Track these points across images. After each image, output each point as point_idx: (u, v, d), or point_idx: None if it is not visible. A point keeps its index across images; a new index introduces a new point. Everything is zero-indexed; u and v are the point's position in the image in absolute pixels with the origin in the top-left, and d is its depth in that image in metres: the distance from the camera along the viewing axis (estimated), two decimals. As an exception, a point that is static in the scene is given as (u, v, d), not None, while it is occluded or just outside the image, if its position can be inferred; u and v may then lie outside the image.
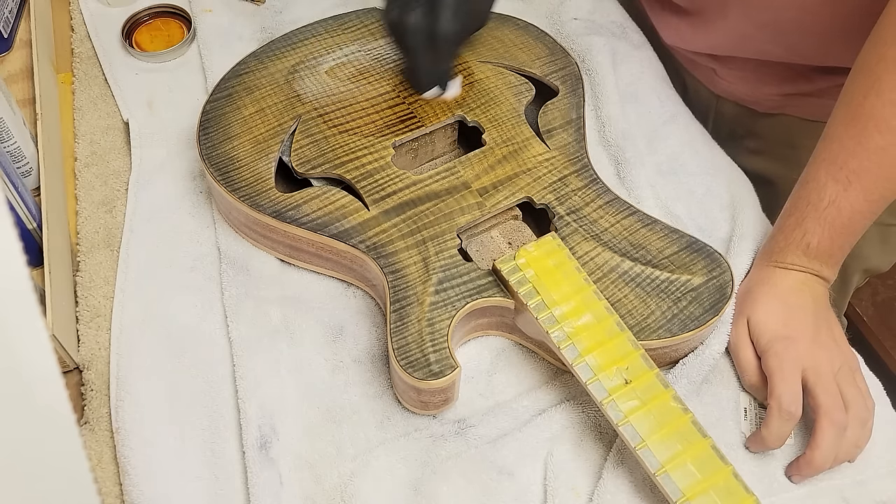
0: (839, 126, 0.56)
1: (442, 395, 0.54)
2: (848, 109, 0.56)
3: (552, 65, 0.70)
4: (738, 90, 0.78)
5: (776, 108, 0.77)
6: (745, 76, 0.76)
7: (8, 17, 0.77)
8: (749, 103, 0.79)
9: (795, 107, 0.75)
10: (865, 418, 0.54)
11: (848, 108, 0.56)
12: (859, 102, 0.55)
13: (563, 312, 0.54)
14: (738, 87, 0.78)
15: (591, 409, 0.56)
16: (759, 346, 0.56)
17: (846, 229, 0.57)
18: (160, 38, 0.79)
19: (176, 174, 0.69)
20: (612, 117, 0.72)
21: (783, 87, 0.74)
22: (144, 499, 0.52)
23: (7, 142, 0.64)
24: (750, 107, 0.79)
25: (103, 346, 0.59)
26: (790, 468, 0.54)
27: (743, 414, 0.57)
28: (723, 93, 0.80)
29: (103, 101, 0.75)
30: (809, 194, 0.57)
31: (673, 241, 0.59)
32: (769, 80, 0.75)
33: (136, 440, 0.54)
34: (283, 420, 0.55)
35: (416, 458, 0.54)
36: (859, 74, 0.56)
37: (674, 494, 0.48)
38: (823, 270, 0.58)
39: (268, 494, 0.52)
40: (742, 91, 0.78)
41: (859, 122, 0.55)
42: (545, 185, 0.62)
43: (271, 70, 0.68)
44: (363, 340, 0.60)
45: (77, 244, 0.65)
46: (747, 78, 0.76)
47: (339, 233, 0.59)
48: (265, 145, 0.63)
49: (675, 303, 0.56)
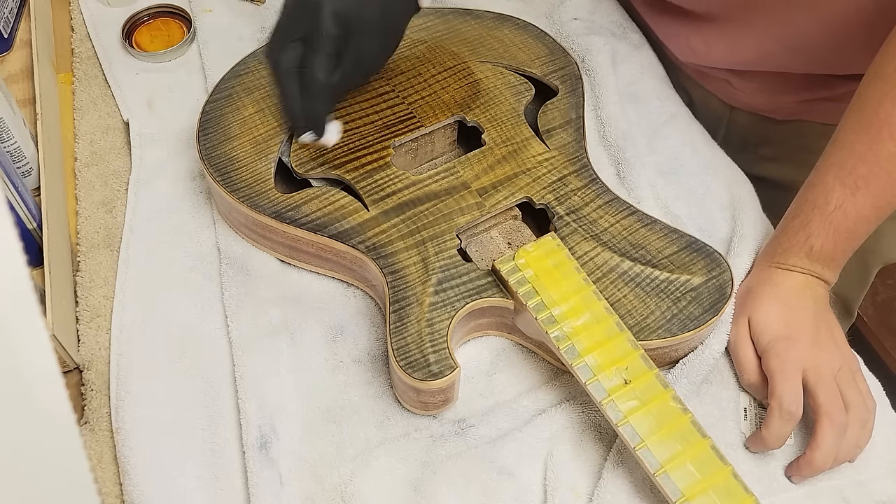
0: (850, 131, 0.56)
1: (442, 395, 0.54)
2: (861, 115, 0.56)
3: (552, 64, 0.70)
4: (755, 100, 0.77)
5: (793, 114, 0.76)
6: (763, 87, 0.75)
7: (8, 17, 0.77)
8: (766, 112, 0.77)
9: (813, 112, 0.74)
10: (865, 419, 0.54)
11: (861, 114, 0.56)
12: (874, 109, 0.55)
13: (563, 312, 0.54)
14: (755, 98, 0.77)
15: (591, 409, 0.56)
16: (760, 345, 0.56)
17: (850, 234, 0.57)
18: (160, 38, 0.79)
19: (176, 174, 0.69)
20: (612, 117, 0.72)
21: (802, 95, 0.73)
22: (144, 499, 0.52)
23: (7, 142, 0.64)
24: (766, 115, 0.78)
25: (103, 346, 0.59)
26: (790, 468, 0.54)
27: (743, 414, 0.57)
28: (738, 104, 0.79)
29: (103, 101, 0.75)
30: (816, 197, 0.57)
31: (672, 240, 0.59)
32: (788, 90, 0.73)
33: (136, 440, 0.54)
34: (283, 420, 0.55)
35: (416, 458, 0.54)
36: (874, 81, 0.55)
37: (673, 494, 0.48)
38: (825, 273, 0.58)
39: (268, 494, 0.52)
40: (759, 101, 0.77)
41: (872, 128, 0.55)
42: (545, 185, 0.62)
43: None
44: (363, 340, 0.60)
45: (77, 244, 0.65)
46: (765, 88, 0.75)
47: (339, 233, 0.59)
48: (265, 146, 0.63)
49: (674, 303, 0.56)
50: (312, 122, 0.58)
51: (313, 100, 0.57)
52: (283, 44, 0.56)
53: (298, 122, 0.59)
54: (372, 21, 0.57)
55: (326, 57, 0.56)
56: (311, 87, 0.56)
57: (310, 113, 0.58)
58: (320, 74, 0.56)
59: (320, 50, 0.55)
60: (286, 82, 0.57)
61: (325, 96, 0.58)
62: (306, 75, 0.56)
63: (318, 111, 0.58)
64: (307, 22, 0.55)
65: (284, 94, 0.57)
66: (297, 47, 0.56)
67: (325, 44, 0.55)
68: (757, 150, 0.79)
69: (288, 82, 0.57)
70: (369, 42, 0.59)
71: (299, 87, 0.57)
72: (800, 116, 0.76)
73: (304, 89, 0.57)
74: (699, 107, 0.80)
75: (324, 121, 0.58)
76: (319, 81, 0.56)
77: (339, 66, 0.57)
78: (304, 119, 0.58)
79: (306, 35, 0.56)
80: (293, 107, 0.58)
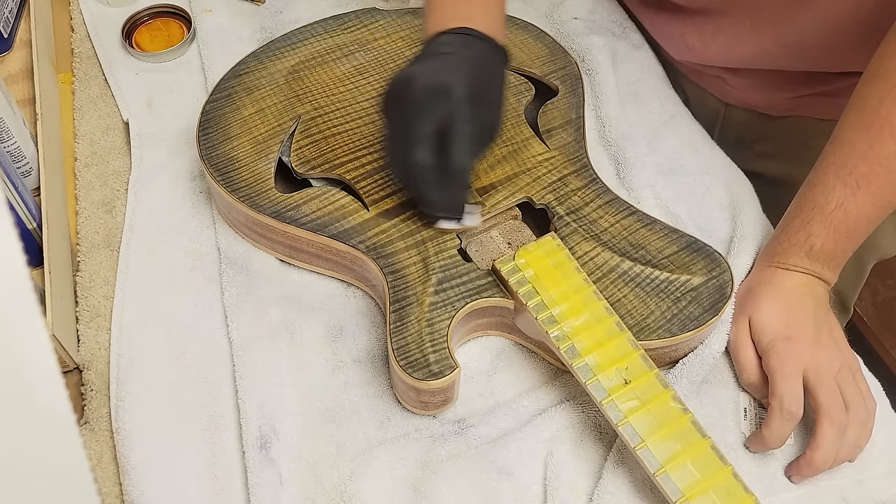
0: (851, 130, 0.56)
1: (442, 395, 0.54)
2: (861, 114, 0.56)
3: (552, 64, 0.70)
4: (751, 97, 0.77)
5: (788, 110, 0.76)
6: (758, 83, 0.75)
7: (8, 17, 0.77)
8: (761, 108, 0.77)
9: (809, 108, 0.74)
10: (866, 418, 0.54)
11: (861, 112, 0.56)
12: (874, 108, 0.55)
13: (563, 312, 0.54)
14: (750, 95, 0.77)
15: (591, 409, 0.56)
16: (761, 345, 0.56)
17: (851, 233, 0.57)
18: (160, 38, 0.79)
19: (176, 174, 0.69)
20: (612, 117, 0.72)
21: (797, 91, 0.73)
22: (144, 499, 0.52)
23: (7, 142, 0.64)
24: (762, 111, 0.78)
25: (103, 346, 0.59)
26: (790, 468, 0.54)
27: (743, 414, 0.57)
28: (732, 100, 0.79)
29: (103, 101, 0.75)
30: (816, 197, 0.57)
31: (672, 241, 0.59)
32: (783, 86, 0.74)
33: (136, 440, 0.54)
34: (283, 420, 0.55)
35: (416, 458, 0.54)
36: (875, 80, 0.55)
37: (673, 494, 0.48)
38: (825, 273, 0.58)
39: (268, 494, 0.52)
40: (754, 98, 0.77)
41: (873, 127, 0.55)
42: (545, 185, 0.62)
43: (271, 70, 0.68)
44: (363, 340, 0.60)
45: (77, 244, 0.65)
46: (760, 85, 0.75)
47: (339, 233, 0.59)
48: (265, 145, 0.63)
49: (674, 303, 0.56)
50: (456, 209, 0.57)
51: (455, 187, 0.56)
52: (417, 140, 0.53)
53: (440, 211, 0.58)
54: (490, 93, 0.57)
55: (468, 142, 0.54)
56: (455, 175, 0.55)
57: (453, 201, 0.57)
58: (465, 161, 0.54)
59: (462, 137, 0.53)
60: (426, 176, 0.54)
61: (466, 181, 0.56)
62: (451, 165, 0.54)
63: (460, 197, 0.57)
64: (439, 112, 0.53)
65: (424, 188, 0.55)
66: (430, 139, 0.53)
67: (466, 129, 0.53)
68: (753, 146, 0.80)
69: (428, 176, 0.54)
70: (494, 115, 0.58)
71: (436, 178, 0.54)
72: (795, 112, 0.76)
73: (443, 179, 0.55)
74: (694, 104, 0.81)
75: (464, 204, 0.57)
76: (465, 168, 0.55)
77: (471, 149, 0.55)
78: (446, 207, 0.57)
79: (441, 125, 0.53)
80: (435, 198, 0.56)
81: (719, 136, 0.77)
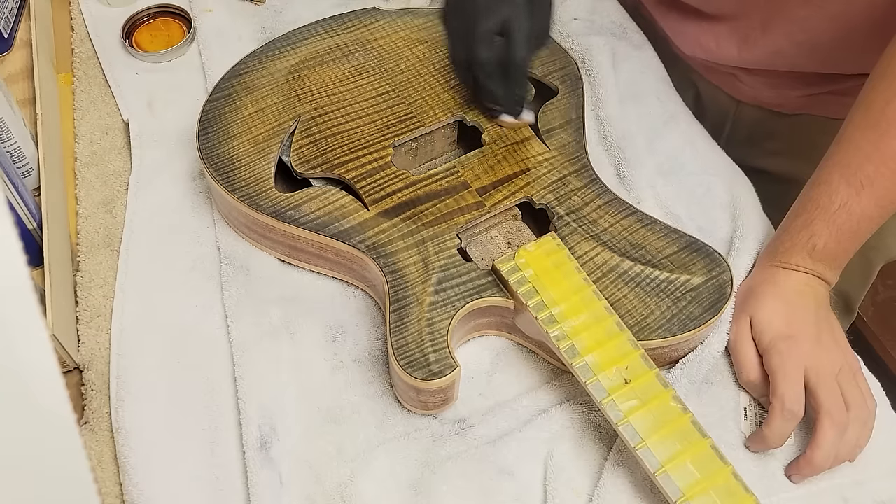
0: (856, 130, 0.56)
1: (442, 395, 0.54)
2: (867, 114, 0.56)
3: (552, 65, 0.70)
4: (763, 95, 0.77)
5: (800, 108, 0.76)
6: (771, 82, 0.75)
7: (8, 17, 0.77)
8: (773, 106, 0.77)
9: (821, 106, 0.74)
10: (866, 418, 0.54)
11: (867, 112, 0.56)
12: (880, 108, 0.55)
13: (563, 312, 0.54)
14: (762, 92, 0.77)
15: (591, 409, 0.56)
16: (762, 344, 0.56)
17: (854, 234, 0.57)
18: (160, 38, 0.79)
19: (176, 174, 0.69)
20: (612, 117, 0.72)
21: (809, 89, 0.73)
22: (144, 499, 0.52)
23: (7, 142, 0.64)
24: (774, 109, 0.78)
25: (103, 346, 0.59)
26: (790, 468, 0.54)
27: (743, 414, 0.57)
28: (745, 98, 0.79)
29: (103, 101, 0.75)
30: (820, 197, 0.57)
31: (672, 240, 0.59)
32: (796, 85, 0.74)
33: (136, 440, 0.54)
34: (283, 420, 0.55)
35: (416, 458, 0.54)
36: (881, 80, 0.55)
37: (673, 494, 0.48)
38: (826, 273, 0.58)
39: (268, 494, 0.52)
40: (767, 95, 0.77)
41: (879, 127, 0.54)
42: (545, 185, 0.62)
43: (271, 70, 0.68)
44: (363, 340, 0.60)
45: (77, 244, 0.65)
46: (773, 83, 0.75)
47: (339, 233, 0.59)
48: (265, 145, 0.63)
49: (674, 303, 0.56)
50: (517, 104, 0.63)
51: (516, 82, 0.61)
52: (481, 38, 0.59)
53: (503, 104, 0.63)
54: None
55: (528, 38, 0.59)
56: (514, 71, 0.60)
57: (515, 95, 0.62)
58: (526, 56, 0.59)
59: (523, 33, 0.58)
60: (490, 72, 0.60)
61: (525, 77, 0.62)
62: (513, 58, 0.59)
63: (521, 92, 0.63)
64: (502, 10, 0.58)
65: (488, 83, 0.61)
66: (493, 38, 0.59)
67: (527, 25, 0.58)
68: (763, 143, 0.80)
69: (491, 71, 0.60)
70: (547, 18, 0.62)
71: (499, 73, 0.60)
72: (807, 111, 0.76)
73: (505, 73, 0.60)
74: (706, 100, 0.81)
75: (525, 98, 0.63)
76: (525, 63, 0.60)
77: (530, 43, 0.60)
78: (509, 101, 0.63)
79: (503, 22, 0.58)
80: (499, 92, 0.61)
81: (730, 133, 0.77)
